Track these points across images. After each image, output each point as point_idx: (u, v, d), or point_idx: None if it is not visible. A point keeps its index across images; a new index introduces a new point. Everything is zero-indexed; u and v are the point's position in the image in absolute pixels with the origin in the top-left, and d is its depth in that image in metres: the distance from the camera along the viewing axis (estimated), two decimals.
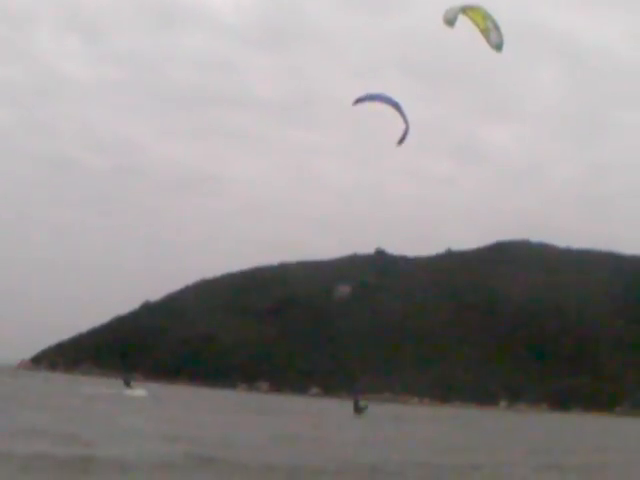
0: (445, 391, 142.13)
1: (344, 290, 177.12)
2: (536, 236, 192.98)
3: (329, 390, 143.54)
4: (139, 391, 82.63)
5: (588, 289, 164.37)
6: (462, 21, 21.02)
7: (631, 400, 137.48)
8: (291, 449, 31.83)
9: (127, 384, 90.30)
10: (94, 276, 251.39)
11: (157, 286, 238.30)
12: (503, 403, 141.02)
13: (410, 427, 57.03)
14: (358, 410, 71.53)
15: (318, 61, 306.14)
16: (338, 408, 76.82)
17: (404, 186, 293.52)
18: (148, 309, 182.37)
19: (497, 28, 20.92)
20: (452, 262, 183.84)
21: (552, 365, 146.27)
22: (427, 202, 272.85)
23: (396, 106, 21.74)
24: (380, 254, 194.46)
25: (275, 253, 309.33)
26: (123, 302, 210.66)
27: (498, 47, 21.19)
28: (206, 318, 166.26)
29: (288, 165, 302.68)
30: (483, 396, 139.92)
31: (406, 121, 21.90)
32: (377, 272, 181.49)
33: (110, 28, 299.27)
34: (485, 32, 21.03)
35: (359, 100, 22.63)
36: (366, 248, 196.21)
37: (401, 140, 22.31)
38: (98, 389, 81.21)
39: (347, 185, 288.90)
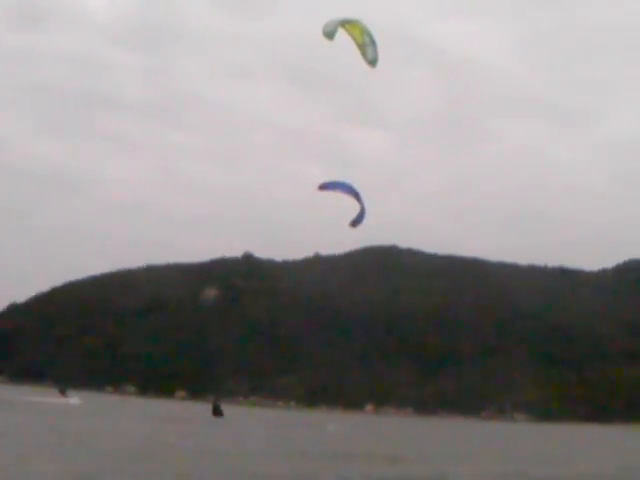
0: (311, 395, 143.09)
1: (211, 293, 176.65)
2: (404, 242, 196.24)
3: (195, 394, 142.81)
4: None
5: (454, 295, 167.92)
6: (340, 33, 21.21)
7: (496, 404, 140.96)
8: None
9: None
10: None
11: (24, 287, 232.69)
12: (369, 407, 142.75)
13: (273, 433, 56.79)
14: (217, 413, 71.69)
15: (190, 62, 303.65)
16: (203, 412, 76.04)
17: (273, 190, 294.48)
18: (15, 310, 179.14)
19: (373, 44, 21.19)
20: (321, 266, 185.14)
21: (418, 370, 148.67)
22: (296, 206, 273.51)
23: (356, 195, 23.00)
24: (248, 257, 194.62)
25: (142, 255, 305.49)
26: None
27: (373, 62, 21.47)
28: (71, 320, 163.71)
29: (157, 166, 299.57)
30: (349, 400, 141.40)
31: (362, 206, 23.08)
32: (245, 275, 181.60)
33: None
34: (362, 47, 21.25)
35: (323, 187, 23.62)
36: (234, 251, 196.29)
37: (355, 222, 23.31)
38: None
39: (216, 187, 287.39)
